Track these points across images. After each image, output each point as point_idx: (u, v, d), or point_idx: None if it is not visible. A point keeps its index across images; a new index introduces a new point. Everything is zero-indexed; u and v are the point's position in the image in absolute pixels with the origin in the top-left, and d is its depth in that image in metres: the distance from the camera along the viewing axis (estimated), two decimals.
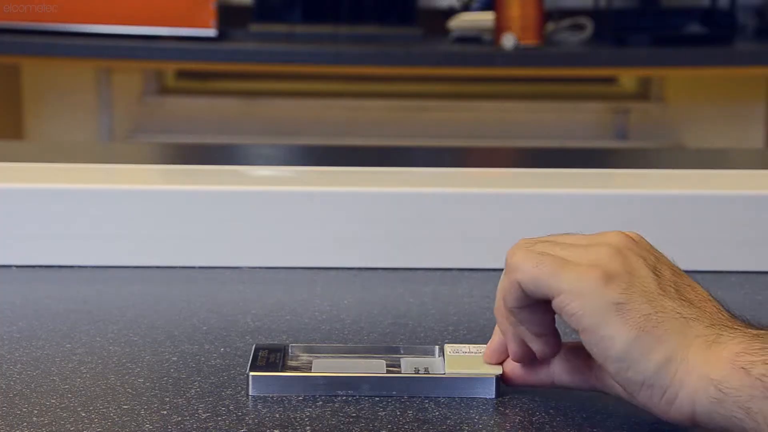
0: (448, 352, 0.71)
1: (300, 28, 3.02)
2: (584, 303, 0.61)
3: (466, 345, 0.71)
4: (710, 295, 0.63)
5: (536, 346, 0.66)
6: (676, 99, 3.32)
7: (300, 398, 0.67)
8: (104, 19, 2.89)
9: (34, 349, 0.76)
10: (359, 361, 0.72)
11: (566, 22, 3.02)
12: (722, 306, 0.63)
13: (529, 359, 0.67)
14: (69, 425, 0.63)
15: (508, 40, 2.80)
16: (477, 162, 1.49)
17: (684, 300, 0.61)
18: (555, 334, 0.66)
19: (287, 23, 3.04)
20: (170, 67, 3.26)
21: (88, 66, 3.17)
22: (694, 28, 3.04)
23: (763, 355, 0.57)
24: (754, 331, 0.60)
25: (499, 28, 2.85)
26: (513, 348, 0.67)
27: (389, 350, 0.73)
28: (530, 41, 2.83)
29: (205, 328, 0.82)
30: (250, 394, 0.68)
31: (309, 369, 0.70)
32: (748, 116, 3.29)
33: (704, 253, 0.97)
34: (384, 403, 0.66)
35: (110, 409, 0.65)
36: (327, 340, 0.80)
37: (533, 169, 1.16)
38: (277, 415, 0.64)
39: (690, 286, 0.63)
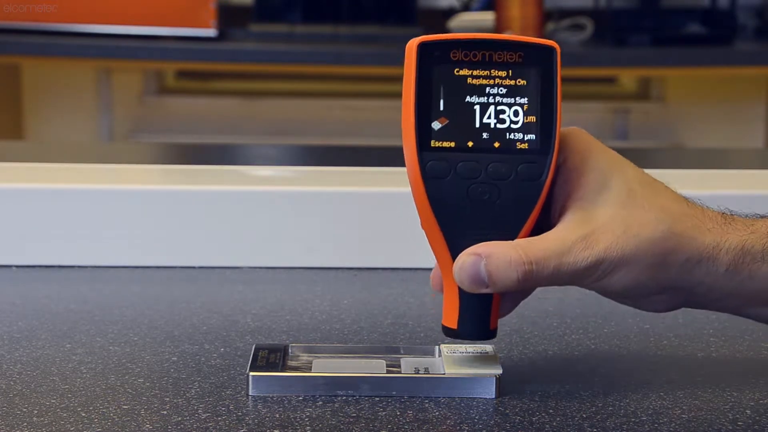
0: (446, 353, 0.71)
1: (300, 28, 3.02)
2: None
3: (463, 345, 0.71)
4: None
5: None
6: (676, 99, 3.32)
7: (300, 398, 0.67)
8: (104, 19, 2.89)
9: (34, 349, 0.76)
10: (359, 361, 0.72)
11: (566, 22, 3.02)
12: None
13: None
14: (69, 425, 0.63)
15: None
16: None
17: None
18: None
19: (287, 23, 3.04)
20: (170, 67, 3.26)
21: (88, 66, 3.17)
22: (694, 28, 3.04)
23: None
24: None
25: (499, 28, 2.85)
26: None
27: (389, 350, 0.73)
28: None
29: (205, 328, 0.82)
30: (250, 394, 0.68)
31: (309, 369, 0.70)
32: (748, 116, 3.29)
33: None
34: (384, 403, 0.66)
35: (110, 409, 0.65)
36: (327, 340, 0.80)
37: None
38: (277, 415, 0.64)
39: None
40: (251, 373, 0.68)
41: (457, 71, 0.66)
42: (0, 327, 0.82)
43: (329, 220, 0.99)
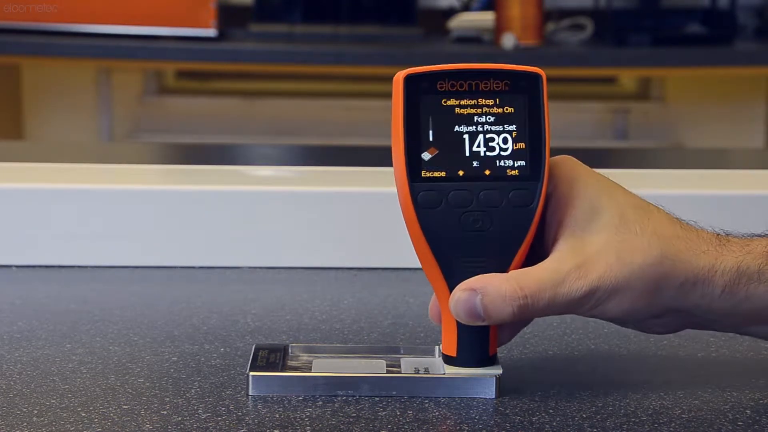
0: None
1: (300, 28, 3.02)
2: None
3: None
4: None
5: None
6: (676, 99, 3.32)
7: (300, 398, 0.67)
8: (104, 19, 2.89)
9: (34, 349, 0.76)
10: (359, 361, 0.72)
11: (566, 22, 3.02)
12: None
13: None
14: (69, 425, 0.63)
15: (508, 40, 2.80)
16: None
17: None
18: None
19: (287, 23, 3.04)
20: (170, 67, 3.26)
21: (88, 66, 3.17)
22: (694, 28, 3.04)
23: None
24: None
25: (499, 28, 2.85)
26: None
27: (389, 350, 0.73)
28: (530, 41, 2.83)
29: (205, 328, 0.82)
30: (250, 394, 0.68)
31: (309, 369, 0.70)
32: (748, 116, 3.29)
33: None
34: (384, 403, 0.66)
35: (110, 409, 0.65)
36: (327, 340, 0.80)
37: None
38: (277, 415, 0.64)
39: None
40: (251, 373, 0.68)
41: (445, 101, 0.66)
42: (0, 327, 0.82)
43: (329, 220, 0.99)
